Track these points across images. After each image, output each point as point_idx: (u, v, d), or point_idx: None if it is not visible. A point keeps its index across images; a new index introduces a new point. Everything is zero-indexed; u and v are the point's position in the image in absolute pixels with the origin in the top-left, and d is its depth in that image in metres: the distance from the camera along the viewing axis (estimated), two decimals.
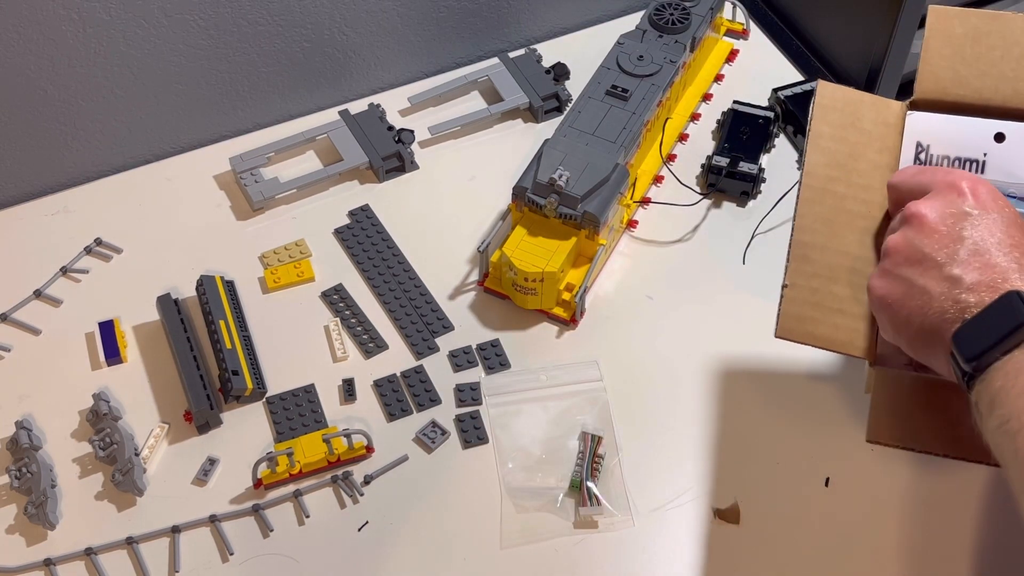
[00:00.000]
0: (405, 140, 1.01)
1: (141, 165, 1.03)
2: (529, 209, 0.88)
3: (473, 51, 1.13)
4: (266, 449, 0.81)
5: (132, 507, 0.79)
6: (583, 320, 0.89)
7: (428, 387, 0.85)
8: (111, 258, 0.95)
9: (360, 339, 0.89)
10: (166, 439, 0.83)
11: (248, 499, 0.79)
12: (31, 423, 0.83)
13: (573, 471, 0.78)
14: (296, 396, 0.84)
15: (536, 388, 0.85)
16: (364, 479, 0.80)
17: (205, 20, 0.95)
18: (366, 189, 1.00)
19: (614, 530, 0.77)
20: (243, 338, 0.87)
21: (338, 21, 1.02)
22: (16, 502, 0.79)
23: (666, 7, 1.00)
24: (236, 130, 1.06)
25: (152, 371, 0.87)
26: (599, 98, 0.93)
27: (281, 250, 0.95)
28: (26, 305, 0.91)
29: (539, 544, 0.76)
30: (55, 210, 0.98)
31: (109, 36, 0.92)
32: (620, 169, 0.88)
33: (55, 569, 0.75)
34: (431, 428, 0.82)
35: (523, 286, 0.86)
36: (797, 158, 1.01)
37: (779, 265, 0.92)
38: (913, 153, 0.69)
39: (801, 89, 1.03)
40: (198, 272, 0.91)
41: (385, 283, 0.92)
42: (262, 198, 0.97)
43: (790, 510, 0.78)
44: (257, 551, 0.76)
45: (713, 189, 0.98)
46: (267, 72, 1.03)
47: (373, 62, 1.08)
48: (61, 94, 0.94)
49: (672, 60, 0.96)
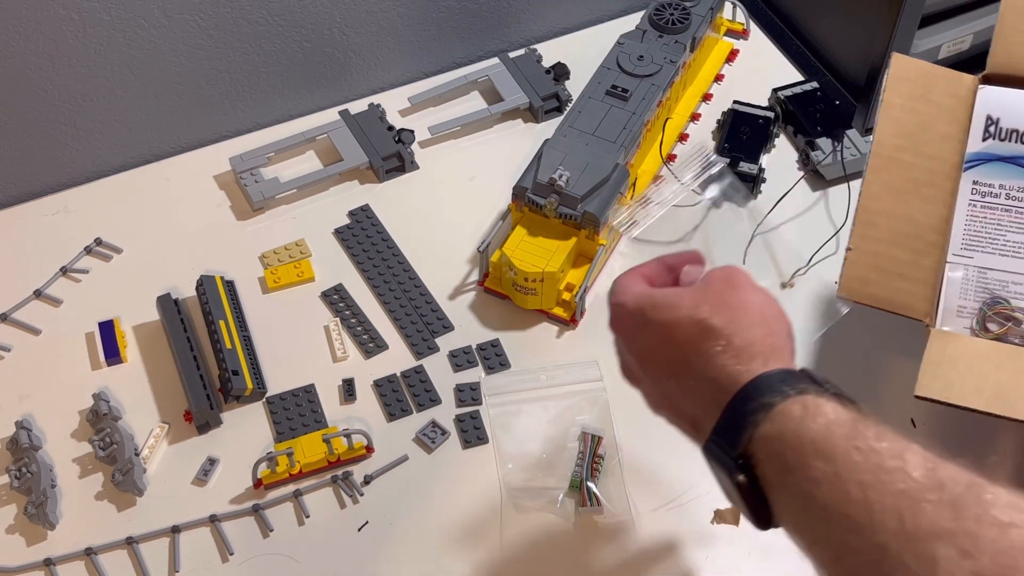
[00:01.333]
0: (405, 140, 1.01)
1: (141, 165, 1.03)
2: (529, 209, 0.88)
3: (473, 51, 1.13)
4: (266, 449, 0.81)
5: (132, 507, 0.79)
6: (583, 320, 0.89)
7: (428, 387, 0.85)
8: (111, 258, 0.95)
9: (360, 339, 0.89)
10: (166, 439, 0.83)
11: (248, 499, 0.79)
12: (31, 423, 0.83)
13: (573, 471, 0.78)
14: (296, 396, 0.84)
15: (536, 388, 0.85)
16: (364, 479, 0.80)
17: (205, 20, 0.95)
18: (366, 189, 1.00)
19: (614, 530, 0.76)
20: (243, 338, 0.87)
21: (338, 21, 1.02)
22: (16, 502, 0.79)
23: (666, 7, 1.00)
24: (236, 130, 1.06)
25: (152, 371, 0.87)
26: (599, 98, 0.93)
27: (281, 250, 0.95)
28: (26, 305, 0.91)
29: (539, 544, 0.76)
30: (55, 210, 0.98)
31: (109, 36, 0.92)
32: (620, 169, 0.88)
33: (55, 569, 0.75)
34: (431, 428, 0.82)
35: (523, 286, 0.86)
36: (797, 158, 1.01)
37: (779, 265, 0.92)
38: (983, 126, 0.72)
39: (801, 89, 1.03)
40: (198, 272, 0.91)
41: (385, 283, 0.92)
42: (262, 198, 0.97)
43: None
44: (257, 551, 0.76)
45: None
46: (267, 72, 1.03)
47: (373, 62, 1.08)
48: (61, 94, 0.94)
49: (672, 60, 0.96)
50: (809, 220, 0.96)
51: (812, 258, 0.93)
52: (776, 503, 0.47)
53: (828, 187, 0.98)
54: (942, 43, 0.99)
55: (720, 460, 0.48)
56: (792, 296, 0.91)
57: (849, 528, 0.42)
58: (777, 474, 0.46)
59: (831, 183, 0.98)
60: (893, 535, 0.40)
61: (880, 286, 0.72)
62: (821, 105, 1.01)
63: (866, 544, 0.41)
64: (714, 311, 0.51)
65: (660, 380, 0.54)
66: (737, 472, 0.46)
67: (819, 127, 0.99)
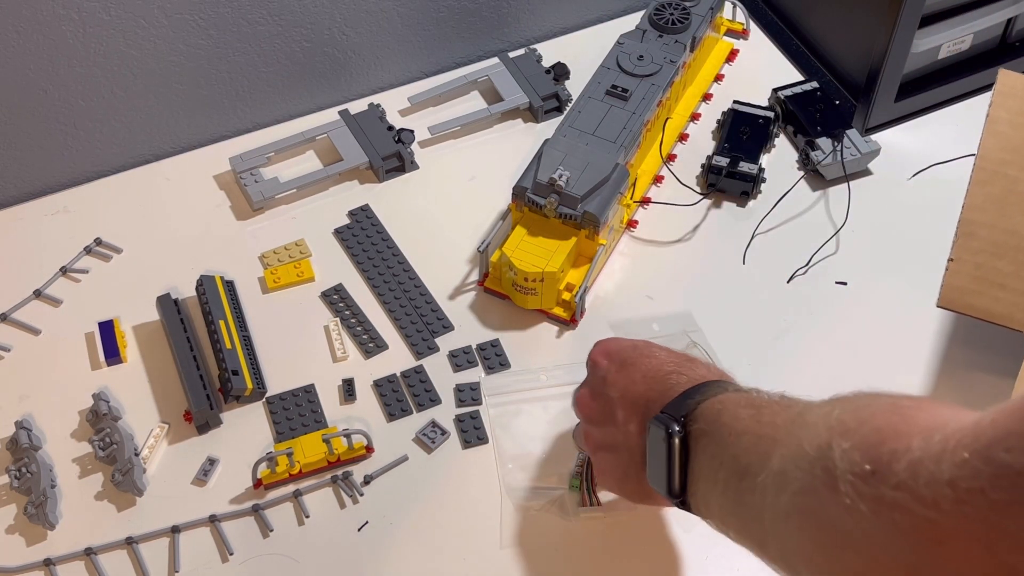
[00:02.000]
0: (405, 140, 1.01)
1: (141, 165, 1.03)
2: (529, 209, 0.88)
3: (473, 51, 1.13)
4: (266, 449, 0.81)
5: (132, 507, 0.79)
6: (583, 320, 0.89)
7: (428, 387, 0.85)
8: (111, 258, 0.95)
9: (360, 339, 0.89)
10: (166, 439, 0.83)
11: (248, 499, 0.79)
12: (31, 423, 0.83)
13: (573, 471, 0.78)
14: (296, 396, 0.84)
15: (536, 388, 0.85)
16: (364, 479, 0.80)
17: (205, 20, 0.95)
18: (366, 189, 1.00)
19: (614, 530, 0.76)
20: (243, 338, 0.87)
21: (338, 21, 1.02)
22: (16, 502, 0.79)
23: (666, 7, 1.00)
24: (236, 130, 1.06)
25: (152, 371, 0.87)
26: (599, 98, 0.93)
27: (281, 250, 0.95)
28: (26, 305, 0.91)
29: (539, 544, 0.76)
30: (55, 210, 0.98)
31: (109, 36, 0.92)
32: (620, 169, 0.88)
33: (55, 569, 0.75)
34: (431, 428, 0.82)
35: (523, 286, 0.86)
36: (797, 158, 1.01)
37: (778, 265, 0.92)
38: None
39: (801, 89, 1.03)
40: (198, 272, 0.91)
41: (385, 283, 0.92)
42: (262, 198, 0.97)
43: None
44: (257, 551, 0.76)
45: (713, 189, 0.98)
46: (267, 72, 1.03)
47: (373, 62, 1.08)
48: (61, 94, 0.94)
49: (672, 60, 0.96)
50: (809, 220, 0.96)
51: (812, 258, 0.93)
52: (696, 460, 0.58)
53: (828, 187, 0.98)
54: (942, 43, 0.99)
55: (663, 422, 0.59)
56: (792, 295, 0.91)
57: (757, 447, 0.53)
58: (709, 423, 0.57)
59: (831, 183, 0.98)
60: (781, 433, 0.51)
61: (979, 296, 0.73)
62: (821, 105, 1.01)
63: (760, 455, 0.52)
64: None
65: (623, 391, 0.66)
66: (678, 430, 0.58)
67: (819, 127, 0.99)
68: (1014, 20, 1.02)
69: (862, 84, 1.01)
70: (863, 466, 0.43)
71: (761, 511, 0.50)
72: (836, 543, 0.44)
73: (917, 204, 0.97)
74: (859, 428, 0.45)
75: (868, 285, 0.91)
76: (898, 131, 1.03)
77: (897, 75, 0.99)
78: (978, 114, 0.97)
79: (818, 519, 0.45)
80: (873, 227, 0.95)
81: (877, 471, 0.42)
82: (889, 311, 0.89)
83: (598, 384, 0.69)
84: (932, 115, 1.04)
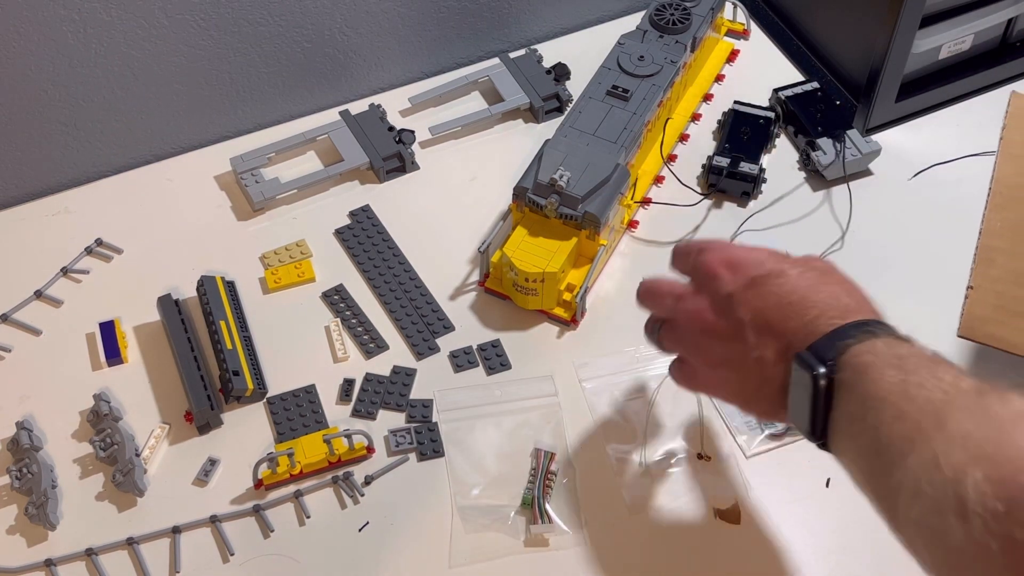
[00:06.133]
0: (406, 140, 1.01)
1: (141, 165, 1.03)
2: (530, 209, 0.88)
3: (473, 51, 1.13)
4: (267, 449, 0.81)
5: (133, 507, 0.79)
6: (584, 320, 0.89)
7: (404, 392, 0.84)
8: (112, 258, 0.95)
9: (360, 339, 0.89)
10: (167, 439, 0.83)
11: (249, 499, 0.79)
12: (32, 423, 0.83)
13: (525, 488, 0.78)
14: (297, 396, 0.84)
15: (490, 403, 0.83)
16: (365, 480, 0.80)
17: (206, 20, 0.95)
18: (367, 189, 1.00)
19: (565, 548, 0.75)
20: (244, 338, 0.87)
21: (339, 21, 1.02)
22: (17, 502, 0.79)
23: (667, 7, 1.00)
24: (236, 130, 1.06)
25: (153, 371, 0.87)
26: (600, 98, 0.93)
27: (282, 250, 0.95)
28: (27, 305, 0.91)
29: (489, 563, 0.75)
30: (55, 210, 0.98)
31: (110, 36, 0.92)
32: (621, 169, 0.88)
33: (56, 569, 0.75)
34: (403, 433, 0.82)
35: (524, 286, 0.86)
36: (798, 158, 1.01)
37: None
38: None
39: (802, 89, 1.03)
40: (199, 272, 0.91)
41: (386, 283, 0.92)
42: (263, 198, 0.97)
43: (790, 510, 0.77)
44: (258, 551, 0.76)
45: (714, 189, 0.98)
46: (267, 72, 1.03)
47: (374, 62, 1.08)
48: (61, 94, 0.94)
49: (673, 60, 0.96)
50: (810, 221, 0.96)
51: None
52: (837, 410, 0.54)
53: (829, 187, 0.98)
54: (942, 43, 0.99)
55: (810, 364, 0.55)
56: None
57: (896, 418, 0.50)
58: (855, 375, 0.53)
59: (832, 183, 0.98)
60: (929, 432, 0.48)
61: (999, 325, 0.71)
62: (822, 105, 1.01)
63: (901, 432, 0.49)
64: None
65: (757, 313, 0.60)
66: (824, 372, 0.54)
67: (820, 127, 0.99)
68: (1014, 20, 1.02)
69: (863, 84, 1.01)
70: (995, 504, 0.42)
71: (895, 504, 0.49)
72: (961, 569, 0.44)
73: (918, 204, 0.97)
74: (995, 454, 0.44)
75: (869, 285, 0.91)
76: (899, 131, 1.03)
77: (898, 75, 0.99)
78: (978, 114, 0.97)
79: (945, 544, 0.45)
80: (874, 227, 0.95)
81: (1010, 512, 0.42)
82: (891, 315, 0.89)
83: (722, 301, 0.61)
84: (933, 115, 1.04)
